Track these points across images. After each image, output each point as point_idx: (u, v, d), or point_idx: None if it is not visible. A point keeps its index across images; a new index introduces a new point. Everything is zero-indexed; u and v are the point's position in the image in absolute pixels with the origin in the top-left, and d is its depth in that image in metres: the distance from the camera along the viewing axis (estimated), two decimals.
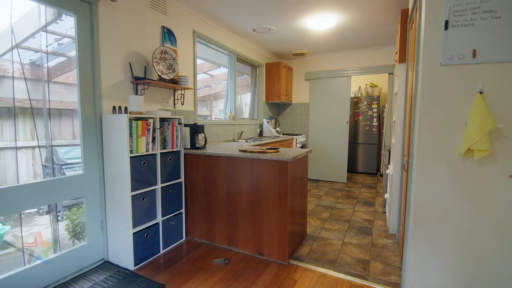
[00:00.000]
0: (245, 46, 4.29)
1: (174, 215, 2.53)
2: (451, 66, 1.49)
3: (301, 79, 5.41)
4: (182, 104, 2.90)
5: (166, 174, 2.40)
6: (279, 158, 2.10)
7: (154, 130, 2.24)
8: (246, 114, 5.01)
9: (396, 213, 2.74)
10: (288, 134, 5.15)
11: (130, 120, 2.04)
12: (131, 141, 2.04)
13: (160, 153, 2.32)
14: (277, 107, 5.68)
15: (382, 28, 3.69)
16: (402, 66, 2.65)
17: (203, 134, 2.75)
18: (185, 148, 2.63)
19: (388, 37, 4.09)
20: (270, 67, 4.95)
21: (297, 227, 2.43)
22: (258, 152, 2.31)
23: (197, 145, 2.61)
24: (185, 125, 2.63)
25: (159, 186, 2.32)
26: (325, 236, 2.74)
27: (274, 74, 4.92)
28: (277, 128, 4.85)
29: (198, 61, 4.27)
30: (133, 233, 2.11)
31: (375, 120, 5.82)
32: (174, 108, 2.88)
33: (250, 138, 3.89)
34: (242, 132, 4.05)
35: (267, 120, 4.72)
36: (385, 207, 3.46)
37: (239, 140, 3.88)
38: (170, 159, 2.42)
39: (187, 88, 2.80)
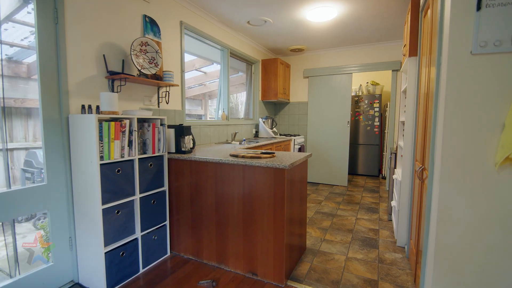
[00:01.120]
0: (239, 41, 3.99)
1: (156, 228, 2.23)
2: (484, 55, 1.21)
3: (299, 77, 5.12)
4: (167, 103, 2.61)
5: (147, 182, 2.11)
6: (275, 164, 1.81)
7: (131, 133, 1.95)
8: (242, 113, 4.72)
9: (405, 224, 2.47)
10: (286, 135, 4.87)
11: (101, 121, 1.74)
12: (102, 146, 1.75)
13: (139, 158, 2.02)
14: (274, 106, 5.39)
15: (386, 21, 3.41)
16: (412, 60, 2.37)
17: (190, 136, 2.46)
18: (169, 152, 2.33)
19: (392, 31, 3.81)
20: (266, 63, 4.66)
21: (295, 240, 2.14)
22: (251, 157, 2.03)
23: (183, 149, 2.32)
24: (170, 126, 2.33)
25: (137, 196, 2.02)
26: (327, 249, 2.46)
27: (270, 71, 4.63)
28: (274, 129, 4.56)
29: (190, 57, 3.98)
30: (106, 253, 1.82)
31: (376, 119, 5.55)
32: (158, 107, 2.58)
33: (244, 140, 3.60)
34: (236, 133, 3.76)
35: (263, 120, 4.44)
36: (390, 214, 3.19)
37: (233, 141, 3.59)
38: (151, 165, 2.13)
39: (173, 85, 2.50)
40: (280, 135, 4.89)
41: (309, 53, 4.96)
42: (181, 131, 2.30)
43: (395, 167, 3.07)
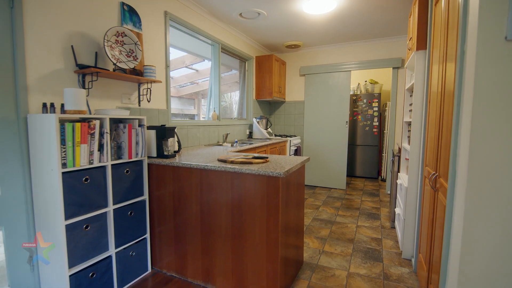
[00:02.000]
0: (231, 35, 3.74)
1: (135, 243, 1.98)
2: None
3: (295, 75, 4.89)
4: (148, 101, 2.35)
5: (122, 191, 1.85)
6: (268, 172, 1.57)
7: (101, 135, 1.69)
8: (236, 113, 4.47)
9: (412, 235, 2.25)
10: (281, 136, 4.63)
11: (63, 122, 1.48)
12: (64, 151, 1.49)
13: (113, 165, 1.76)
14: (269, 105, 5.15)
15: (387, 14, 3.19)
16: (420, 55, 2.14)
17: (174, 139, 2.21)
18: (150, 157, 2.08)
19: (394, 26, 3.60)
20: (260, 60, 4.41)
21: (291, 253, 1.90)
22: (241, 162, 1.78)
23: (165, 153, 2.07)
24: (150, 128, 2.08)
25: (110, 208, 1.77)
26: (326, 263, 2.23)
27: (265, 68, 4.39)
28: (269, 129, 4.32)
29: (180, 54, 3.72)
30: (71, 275, 1.56)
31: (375, 119, 5.34)
32: (139, 106, 2.32)
33: (236, 142, 3.35)
34: (227, 134, 3.50)
35: (258, 120, 4.19)
36: (393, 221, 2.97)
37: (224, 143, 3.34)
38: (127, 171, 1.87)
39: (155, 81, 2.24)
40: (276, 136, 4.66)
41: (305, 50, 4.73)
42: (163, 132, 2.05)
43: (398, 171, 2.85)
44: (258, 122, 4.16)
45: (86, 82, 1.88)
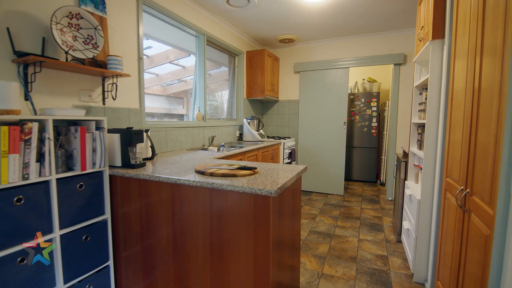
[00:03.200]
0: (219, 27, 3.37)
1: (94, 273, 1.60)
2: None
3: (289, 72, 4.55)
4: (114, 99, 1.97)
5: (74, 211, 1.47)
6: (255, 189, 1.22)
7: (42, 141, 1.31)
8: (225, 113, 4.11)
9: (425, 255, 1.93)
10: (274, 138, 4.29)
11: None
12: None
13: (59, 179, 1.39)
14: (261, 104, 4.80)
15: (389, 5, 2.87)
16: (436, 45, 1.82)
17: (146, 143, 1.84)
18: (113, 167, 1.71)
19: (395, 18, 3.28)
20: (252, 55, 4.06)
21: (285, 277, 1.55)
22: (223, 175, 1.43)
23: (132, 161, 1.70)
24: (113, 131, 1.70)
25: (56, 234, 1.39)
26: None
27: (257, 64, 4.03)
28: (261, 131, 3.97)
29: (164, 47, 3.34)
30: None
31: (374, 120, 5.04)
32: (104, 104, 1.95)
33: (223, 146, 2.99)
34: (213, 136, 3.14)
35: (249, 120, 3.84)
36: (399, 235, 2.65)
37: (210, 147, 2.98)
38: (81, 186, 1.50)
39: (122, 75, 1.87)
40: (268, 137, 4.31)
41: (300, 45, 4.39)
42: (129, 136, 1.68)
43: (405, 178, 2.53)
44: (249, 123, 3.81)
45: (28, 74, 1.50)
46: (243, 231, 1.31)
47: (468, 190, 1.26)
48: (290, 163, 4.14)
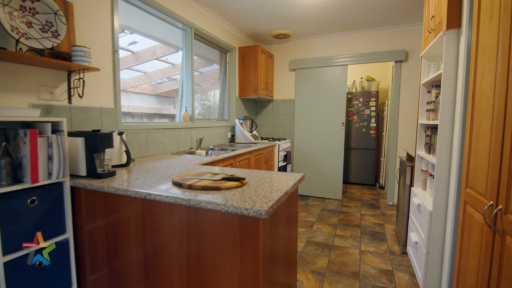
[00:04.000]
0: (208, 20, 3.12)
1: None
2: None
3: (284, 69, 4.31)
4: (80, 96, 1.70)
5: (24, 232, 1.22)
6: (241, 209, 0.97)
7: None
8: (217, 113, 3.86)
9: (437, 273, 1.70)
10: (269, 139, 4.05)
11: None
12: None
13: (2, 194, 1.13)
14: (255, 104, 4.56)
15: None
16: (452, 35, 1.60)
17: (118, 149, 1.59)
18: (76, 177, 1.45)
19: (397, 12, 3.07)
20: (244, 51, 3.81)
21: None
22: (204, 188, 1.18)
23: (98, 170, 1.44)
24: (75, 134, 1.44)
25: None
26: None
27: (250, 61, 3.79)
28: (254, 132, 3.73)
29: (151, 43, 3.07)
30: None
31: (373, 120, 4.83)
32: (70, 103, 1.68)
33: (212, 149, 2.74)
34: (201, 138, 2.88)
35: (241, 121, 3.59)
36: (404, 246, 2.43)
37: (198, 151, 2.73)
38: (33, 202, 1.24)
39: (89, 68, 1.61)
40: (262, 139, 4.07)
41: (296, 41, 4.16)
42: (94, 141, 1.42)
43: (411, 185, 2.31)
44: (241, 124, 3.56)
45: None
46: (227, 256, 1.06)
47: (500, 206, 1.04)
48: (285, 166, 3.90)
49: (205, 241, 1.09)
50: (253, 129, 3.73)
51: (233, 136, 3.73)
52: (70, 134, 1.45)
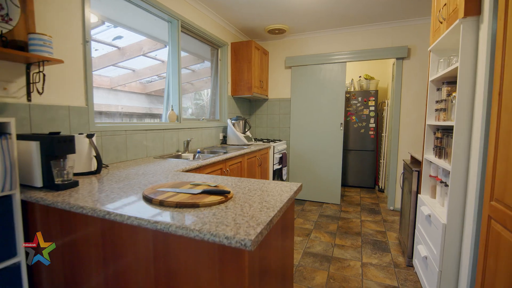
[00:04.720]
0: (196, 12, 2.90)
1: None
2: None
3: (280, 67, 4.10)
4: (40, 93, 1.46)
5: None
6: (220, 237, 0.75)
7: None
8: (208, 113, 3.63)
9: None
10: (263, 140, 3.83)
11: None
12: None
13: None
14: (248, 103, 4.34)
15: None
16: (470, 23, 1.39)
17: (87, 153, 1.36)
18: (31, 188, 1.22)
19: (398, 5, 2.87)
20: (237, 47, 3.59)
21: None
22: (178, 205, 0.96)
23: (56, 181, 1.21)
24: (29, 138, 1.21)
25: None
26: None
27: (243, 57, 3.57)
28: (248, 133, 3.51)
29: (137, 37, 2.84)
30: None
31: (372, 120, 4.64)
32: (29, 101, 1.45)
33: (199, 152, 2.51)
34: (188, 141, 2.65)
35: (233, 121, 3.37)
36: (410, 258, 2.23)
37: (185, 153, 2.50)
38: None
39: (51, 60, 1.37)
40: (256, 140, 3.85)
41: (292, 36, 3.94)
42: (51, 146, 1.19)
43: (418, 192, 2.12)
44: (233, 125, 3.34)
45: None
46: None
47: None
48: (281, 169, 3.69)
49: (175, 275, 0.87)
50: (246, 130, 3.50)
51: (225, 137, 3.50)
52: (23, 137, 1.22)
